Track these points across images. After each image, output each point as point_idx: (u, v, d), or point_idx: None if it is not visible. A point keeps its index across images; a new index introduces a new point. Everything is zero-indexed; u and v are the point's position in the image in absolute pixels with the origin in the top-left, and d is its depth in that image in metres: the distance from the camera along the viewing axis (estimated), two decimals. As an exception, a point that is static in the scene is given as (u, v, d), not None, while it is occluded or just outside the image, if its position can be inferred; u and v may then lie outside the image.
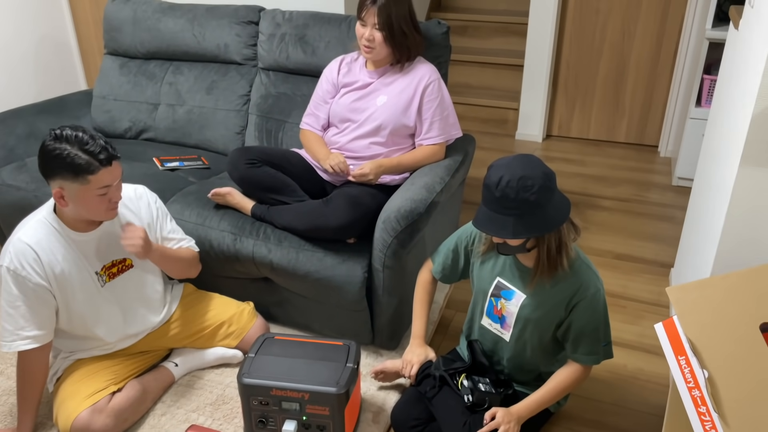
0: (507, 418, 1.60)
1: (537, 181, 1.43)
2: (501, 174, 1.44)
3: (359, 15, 2.11)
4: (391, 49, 2.14)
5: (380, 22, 2.07)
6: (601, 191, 3.45)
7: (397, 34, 2.10)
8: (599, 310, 1.60)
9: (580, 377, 1.66)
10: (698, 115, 3.27)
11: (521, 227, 1.45)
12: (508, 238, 1.47)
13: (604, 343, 1.64)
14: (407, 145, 2.25)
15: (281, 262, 2.07)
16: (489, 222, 1.48)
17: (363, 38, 2.12)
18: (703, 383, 1.27)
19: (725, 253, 1.72)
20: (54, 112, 2.89)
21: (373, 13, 2.06)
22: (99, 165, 1.62)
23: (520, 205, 1.43)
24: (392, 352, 2.19)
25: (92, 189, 1.64)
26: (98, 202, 1.67)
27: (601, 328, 1.62)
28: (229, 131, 2.76)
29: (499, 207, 1.45)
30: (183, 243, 2.03)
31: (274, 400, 1.71)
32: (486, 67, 4.40)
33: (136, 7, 2.90)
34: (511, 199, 1.43)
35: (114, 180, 1.67)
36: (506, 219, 1.45)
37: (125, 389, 1.86)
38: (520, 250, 1.55)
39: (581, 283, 1.59)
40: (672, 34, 3.73)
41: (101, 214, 1.71)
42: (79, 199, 1.65)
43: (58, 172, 1.61)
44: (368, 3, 2.07)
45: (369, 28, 2.10)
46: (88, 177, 1.61)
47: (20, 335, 1.70)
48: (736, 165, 1.63)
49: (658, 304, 2.48)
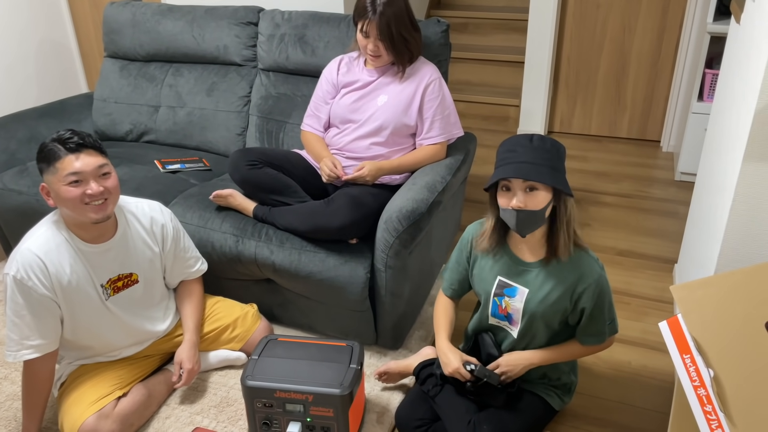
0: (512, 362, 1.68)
1: (559, 145, 1.55)
2: (530, 135, 1.55)
3: (360, 26, 2.11)
4: (394, 53, 2.15)
5: (381, 33, 2.08)
6: (603, 187, 3.44)
7: (397, 41, 2.11)
8: (604, 295, 1.62)
9: (593, 350, 1.71)
10: (700, 109, 3.25)
11: (555, 177, 1.51)
12: (546, 182, 1.48)
13: (609, 322, 1.66)
14: (408, 145, 2.24)
15: (283, 263, 2.06)
16: (527, 168, 1.49)
17: (366, 49, 2.13)
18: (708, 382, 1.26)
19: (729, 250, 1.71)
20: (55, 116, 2.89)
21: (375, 25, 2.07)
22: (65, 151, 1.62)
23: (552, 158, 1.51)
24: (396, 352, 2.19)
25: (60, 176, 1.63)
26: (69, 192, 1.63)
27: (606, 309, 1.64)
28: (230, 133, 2.76)
29: (535, 157, 1.50)
30: (192, 262, 2.03)
31: (278, 402, 1.71)
32: (487, 64, 4.39)
33: (135, 9, 2.90)
34: (547, 149, 1.51)
35: (85, 168, 1.64)
36: (539, 167, 1.49)
37: (131, 394, 1.86)
38: (539, 219, 1.53)
39: (582, 271, 1.60)
40: (673, 29, 3.71)
41: (79, 208, 1.65)
42: (55, 191, 1.66)
43: (40, 166, 1.66)
44: (369, 14, 2.06)
45: (372, 40, 2.10)
46: (56, 164, 1.62)
47: (25, 345, 1.69)
48: (739, 160, 1.62)
49: (661, 301, 2.47)
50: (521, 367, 1.69)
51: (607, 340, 1.69)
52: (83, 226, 1.73)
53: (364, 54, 2.18)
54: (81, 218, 1.69)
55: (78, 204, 1.65)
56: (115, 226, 1.81)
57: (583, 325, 1.66)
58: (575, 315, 1.65)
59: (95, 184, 1.66)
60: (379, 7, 2.05)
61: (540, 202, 1.51)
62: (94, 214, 1.68)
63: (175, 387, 1.94)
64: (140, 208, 1.90)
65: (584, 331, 1.67)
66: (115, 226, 1.81)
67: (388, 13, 2.05)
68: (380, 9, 2.05)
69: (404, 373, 1.98)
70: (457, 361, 1.68)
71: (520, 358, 1.69)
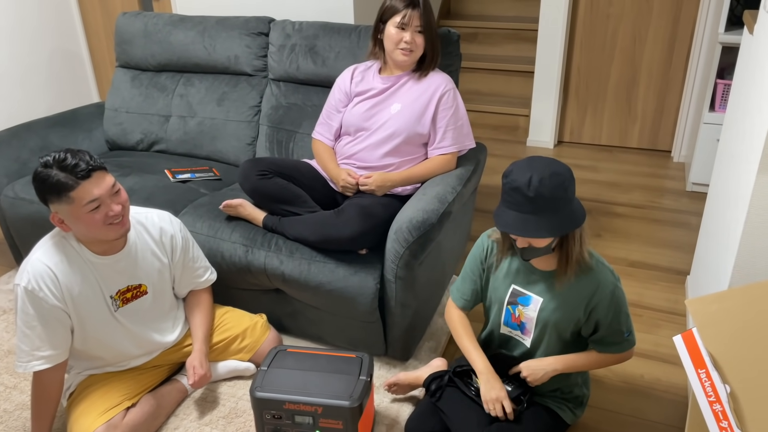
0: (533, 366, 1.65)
1: (566, 176, 1.44)
2: (528, 174, 1.42)
3: (399, 19, 2.10)
4: (427, 51, 2.18)
5: (423, 24, 2.12)
6: (614, 197, 3.42)
7: (434, 36, 2.16)
8: (620, 306, 1.60)
9: (613, 359, 1.67)
10: (712, 119, 3.23)
11: (557, 224, 1.44)
12: (546, 237, 1.44)
13: (627, 334, 1.63)
14: (419, 155, 2.23)
15: (293, 273, 2.06)
16: (524, 225, 1.45)
17: (402, 42, 2.13)
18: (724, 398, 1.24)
19: (744, 262, 1.69)
20: (66, 125, 2.90)
21: (417, 16, 2.10)
22: (76, 179, 1.57)
23: (554, 203, 1.42)
24: (405, 363, 2.18)
25: (79, 206, 1.59)
26: (92, 219, 1.62)
27: (623, 321, 1.62)
28: (240, 142, 2.76)
29: (532, 207, 1.43)
30: (201, 272, 2.03)
31: (287, 413, 1.70)
32: (496, 74, 4.39)
33: (147, 20, 2.92)
34: (546, 197, 1.42)
35: (102, 191, 1.61)
36: (539, 218, 1.44)
37: (139, 404, 1.85)
38: (546, 251, 1.53)
39: (599, 283, 1.58)
40: (684, 38, 3.70)
41: (103, 231, 1.66)
42: (74, 219, 1.62)
43: (46, 197, 1.60)
44: (408, 7, 2.10)
45: (410, 32, 2.12)
46: (70, 194, 1.57)
47: (36, 355, 1.69)
48: (754, 172, 1.60)
49: (674, 313, 2.44)
50: (543, 373, 1.64)
51: (627, 351, 1.67)
52: (96, 241, 1.72)
53: (394, 51, 2.15)
54: (102, 238, 1.69)
55: (101, 227, 1.65)
56: (125, 238, 1.81)
57: (600, 336, 1.64)
58: (588, 326, 1.64)
59: (114, 204, 1.65)
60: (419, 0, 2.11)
61: (544, 241, 1.51)
62: (116, 233, 1.69)
63: (190, 385, 1.93)
64: (150, 219, 1.90)
65: (602, 341, 1.65)
66: (125, 238, 1.81)
67: (428, 7, 2.13)
68: (422, 1, 2.11)
69: (414, 385, 1.97)
70: (502, 390, 1.64)
71: (543, 364, 1.66)
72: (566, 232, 1.46)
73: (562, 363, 1.66)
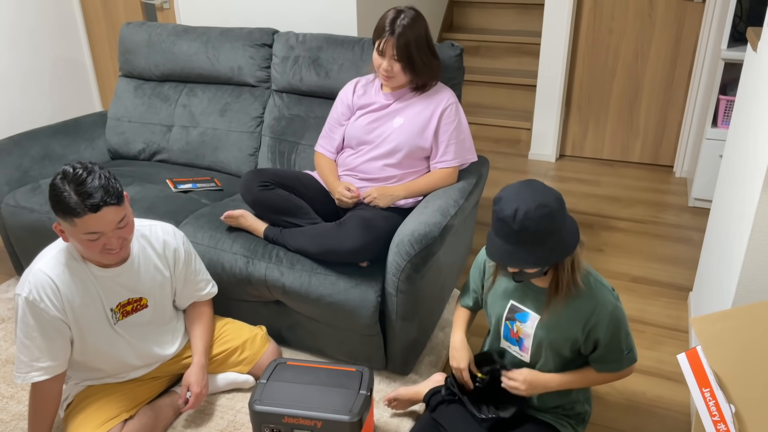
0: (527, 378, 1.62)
1: (553, 207, 1.41)
2: (515, 206, 1.41)
3: (376, 45, 2.10)
4: (410, 77, 2.14)
5: (398, 53, 2.06)
6: (615, 212, 3.41)
7: (416, 63, 2.10)
8: (620, 325, 1.58)
9: (610, 377, 1.66)
10: (714, 135, 3.23)
11: (544, 255, 1.43)
12: (531, 268, 1.44)
13: (627, 351, 1.62)
14: (421, 169, 2.23)
15: (294, 285, 2.05)
16: (509, 255, 1.45)
17: (381, 68, 2.12)
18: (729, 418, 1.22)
19: (748, 280, 1.68)
20: (69, 134, 2.90)
21: (392, 44, 2.06)
22: (84, 210, 1.54)
23: (540, 235, 1.41)
24: (406, 378, 2.16)
25: (79, 232, 1.58)
26: (89, 244, 1.61)
27: (623, 339, 1.60)
28: (243, 153, 2.76)
29: (519, 239, 1.42)
30: (202, 285, 2.02)
31: (286, 427, 1.68)
32: (498, 87, 4.40)
33: (151, 29, 2.93)
34: (531, 230, 1.40)
35: (105, 228, 1.59)
36: (525, 249, 1.43)
37: (137, 416, 1.84)
38: (536, 275, 1.53)
39: (597, 302, 1.56)
40: (686, 54, 3.71)
41: (97, 256, 1.65)
42: (73, 237, 1.61)
43: (53, 208, 1.59)
44: (386, 33, 2.06)
45: (387, 59, 2.09)
46: (74, 219, 1.56)
47: (35, 366, 1.68)
48: (758, 189, 1.60)
49: (676, 329, 2.43)
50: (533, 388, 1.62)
51: (626, 369, 1.66)
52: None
53: (378, 74, 2.17)
54: (96, 261, 1.70)
55: (97, 253, 1.64)
56: (128, 250, 1.80)
57: (599, 355, 1.62)
58: (588, 345, 1.62)
59: (114, 238, 1.63)
60: (399, 28, 2.05)
61: (535, 270, 1.50)
62: (110, 260, 1.68)
63: (182, 411, 1.92)
64: (153, 232, 1.89)
65: (600, 360, 1.63)
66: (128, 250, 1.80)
67: (407, 35, 2.05)
68: (399, 30, 2.04)
69: (414, 400, 1.95)
70: (464, 361, 1.69)
71: (539, 380, 1.63)
72: (553, 263, 1.45)
73: (556, 381, 1.63)
